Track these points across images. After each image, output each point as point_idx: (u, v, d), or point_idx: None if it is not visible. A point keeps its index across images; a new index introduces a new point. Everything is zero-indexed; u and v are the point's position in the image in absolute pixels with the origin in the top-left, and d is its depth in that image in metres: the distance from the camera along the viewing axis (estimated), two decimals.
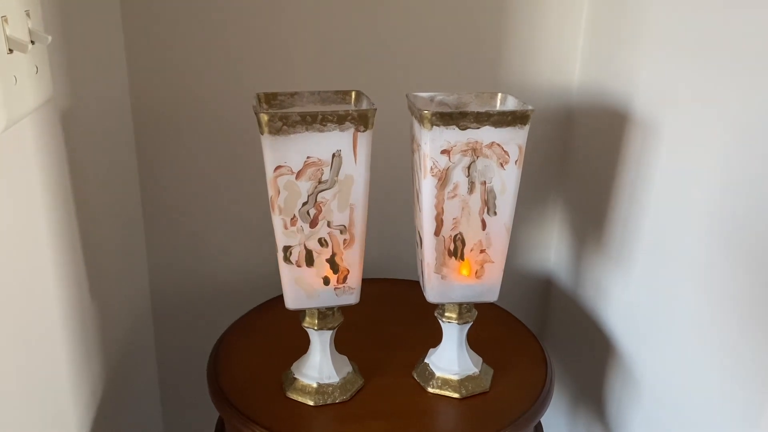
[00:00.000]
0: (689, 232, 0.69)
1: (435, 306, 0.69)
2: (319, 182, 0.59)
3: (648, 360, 0.78)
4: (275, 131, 0.56)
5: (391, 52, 0.88)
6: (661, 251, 0.75)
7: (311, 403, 0.67)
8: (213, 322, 0.91)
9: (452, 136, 0.58)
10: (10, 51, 0.46)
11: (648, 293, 0.77)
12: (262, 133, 0.56)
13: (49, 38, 0.51)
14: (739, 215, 0.62)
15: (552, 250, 1.02)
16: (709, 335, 0.67)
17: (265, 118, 0.56)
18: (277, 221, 0.60)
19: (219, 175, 0.90)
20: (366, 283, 0.67)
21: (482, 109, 0.59)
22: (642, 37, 0.77)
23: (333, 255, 0.62)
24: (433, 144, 0.59)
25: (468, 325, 0.69)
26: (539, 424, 0.79)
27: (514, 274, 1.03)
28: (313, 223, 0.60)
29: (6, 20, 0.45)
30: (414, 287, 0.73)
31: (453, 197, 0.61)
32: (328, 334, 0.67)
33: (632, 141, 0.79)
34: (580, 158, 0.93)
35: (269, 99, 0.64)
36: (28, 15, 0.49)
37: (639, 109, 0.77)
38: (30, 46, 0.48)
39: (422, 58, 0.88)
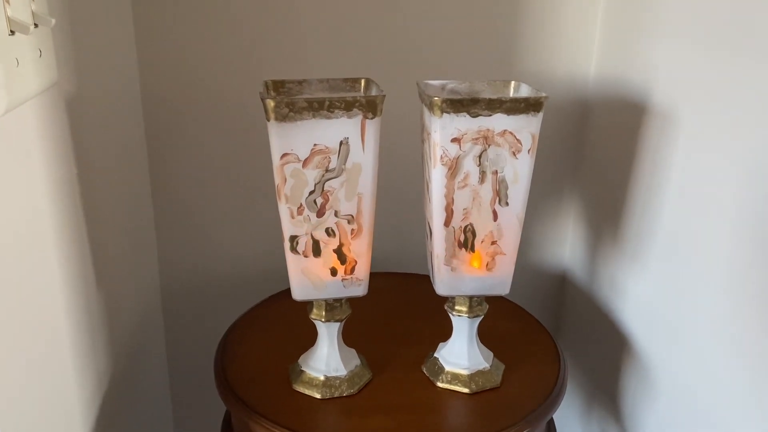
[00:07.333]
0: (709, 227, 0.67)
1: (445, 300, 0.68)
2: (327, 170, 0.58)
3: (664, 358, 0.76)
4: (281, 118, 0.55)
5: (403, 41, 0.86)
6: (679, 247, 0.73)
7: (318, 396, 0.66)
8: (223, 315, 0.90)
9: (463, 123, 0.57)
10: (12, 32, 0.46)
11: (665, 290, 0.75)
12: (268, 120, 0.55)
13: (53, 21, 0.50)
14: (762, 209, 0.60)
15: (567, 246, 1.00)
16: (728, 333, 0.65)
17: (271, 104, 0.54)
18: (284, 210, 0.59)
19: (230, 167, 0.90)
20: (375, 276, 0.66)
21: (494, 96, 0.57)
22: (660, 25, 0.75)
23: (340, 245, 0.61)
24: (443, 132, 0.57)
25: (478, 319, 0.67)
26: (552, 422, 0.77)
27: (528, 270, 1.01)
28: (320, 213, 0.59)
29: (8, 1, 0.45)
30: (424, 281, 0.72)
31: (463, 187, 0.60)
32: (335, 326, 0.66)
33: (650, 132, 0.77)
34: (595, 150, 0.91)
35: (277, 86, 0.63)
36: None
37: (657, 100, 0.75)
38: (32, 28, 0.48)
39: (435, 49, 0.87)
